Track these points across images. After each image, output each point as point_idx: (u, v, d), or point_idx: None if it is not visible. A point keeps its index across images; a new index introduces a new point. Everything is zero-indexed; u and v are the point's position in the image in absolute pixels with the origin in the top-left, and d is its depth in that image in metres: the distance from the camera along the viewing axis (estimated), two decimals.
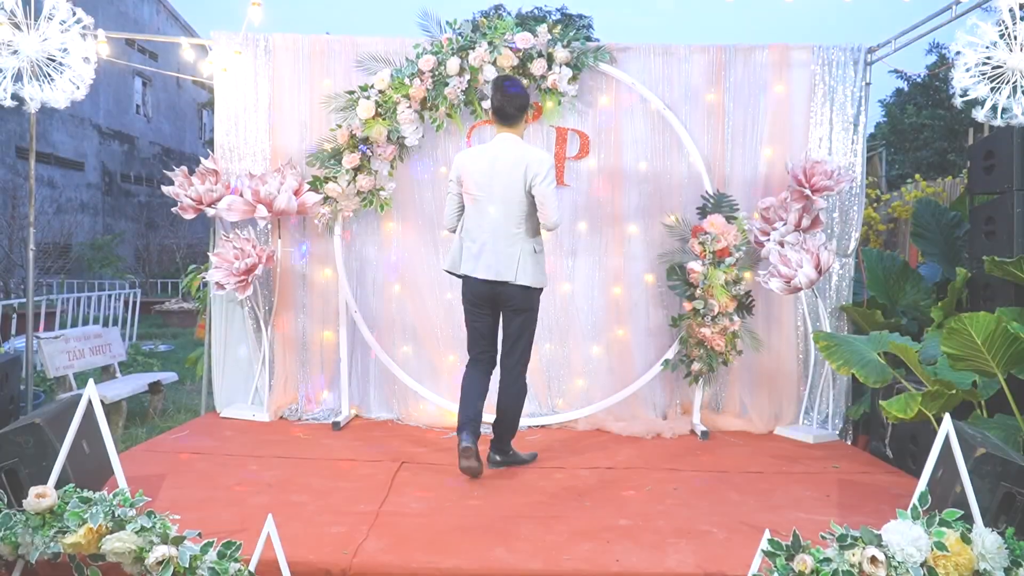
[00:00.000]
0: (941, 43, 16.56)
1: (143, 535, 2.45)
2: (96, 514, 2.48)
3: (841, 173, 4.75)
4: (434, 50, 4.85)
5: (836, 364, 4.18)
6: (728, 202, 4.91)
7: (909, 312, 5.27)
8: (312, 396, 5.22)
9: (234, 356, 5.24)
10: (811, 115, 5.10)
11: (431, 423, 5.02)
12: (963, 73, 3.54)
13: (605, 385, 5.16)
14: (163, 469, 3.80)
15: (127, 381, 5.71)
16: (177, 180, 4.90)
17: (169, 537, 2.46)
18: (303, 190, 4.85)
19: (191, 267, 6.26)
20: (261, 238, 5.09)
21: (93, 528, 2.46)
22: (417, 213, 5.18)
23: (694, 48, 5.12)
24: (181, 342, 10.62)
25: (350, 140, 4.82)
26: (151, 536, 2.45)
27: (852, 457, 4.49)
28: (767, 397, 5.16)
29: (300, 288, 5.20)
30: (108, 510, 2.51)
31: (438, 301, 5.17)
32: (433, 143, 5.13)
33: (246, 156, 5.12)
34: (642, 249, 5.19)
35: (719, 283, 4.73)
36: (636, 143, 5.14)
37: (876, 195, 8.39)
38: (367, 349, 5.17)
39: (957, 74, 3.56)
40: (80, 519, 2.48)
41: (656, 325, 5.21)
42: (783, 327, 5.18)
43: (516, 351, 3.97)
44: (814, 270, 4.54)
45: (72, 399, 3.13)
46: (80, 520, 2.48)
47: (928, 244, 5.54)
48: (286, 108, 5.11)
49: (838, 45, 5.10)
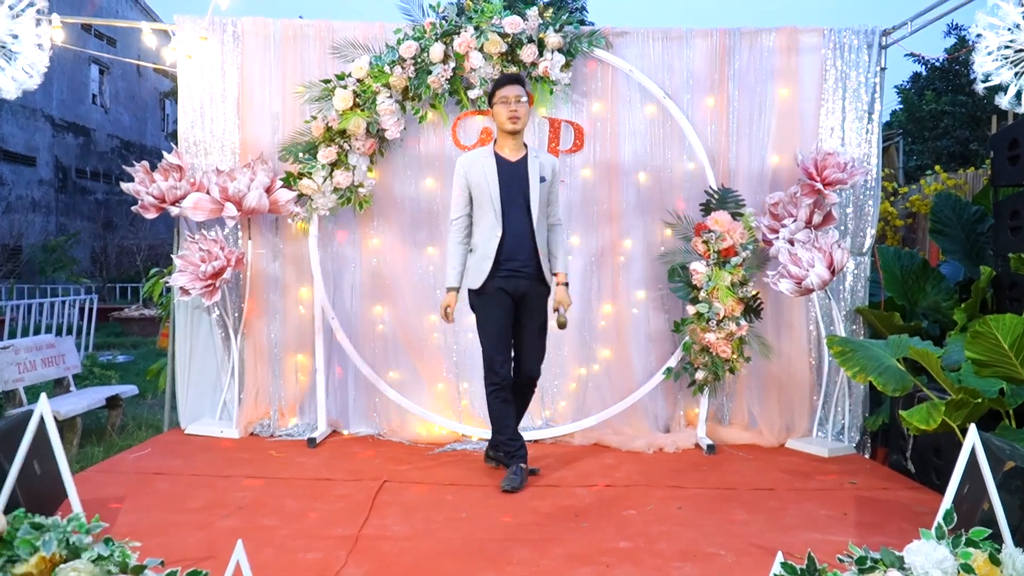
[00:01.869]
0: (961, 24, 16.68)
1: (100, 564, 2.42)
2: (49, 541, 2.45)
3: (855, 165, 4.77)
4: (416, 35, 4.84)
5: (852, 371, 4.20)
6: (733, 197, 4.92)
7: (930, 314, 5.30)
8: (285, 410, 5.21)
9: (200, 367, 5.21)
10: (822, 103, 5.13)
11: (415, 438, 5.02)
12: (985, 57, 3.56)
13: (602, 396, 5.16)
14: (122, 491, 3.78)
15: (82, 395, 5.67)
16: (138, 176, 4.87)
17: (129, 566, 2.43)
18: (275, 187, 4.84)
19: (153, 271, 6.22)
20: (230, 239, 5.07)
21: (46, 557, 2.43)
22: (399, 211, 5.17)
23: (696, 32, 5.14)
24: (142, 352, 10.56)
25: (326, 133, 4.81)
26: (109, 565, 2.43)
27: (870, 472, 4.50)
28: (777, 407, 5.17)
29: (272, 293, 5.18)
30: (62, 537, 2.48)
31: (422, 305, 5.17)
32: (416, 136, 5.13)
33: (213, 150, 5.10)
34: (641, 249, 5.20)
35: (724, 285, 4.74)
36: (634, 135, 5.15)
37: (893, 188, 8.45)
38: (345, 358, 5.16)
39: (978, 58, 3.58)
40: (32, 547, 2.45)
41: (657, 331, 5.22)
42: (794, 332, 5.19)
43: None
44: (827, 270, 4.56)
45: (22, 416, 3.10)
46: (32, 548, 2.45)
47: (949, 241, 5.57)
48: (256, 98, 5.10)
49: (850, 28, 5.13)
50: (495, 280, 4.07)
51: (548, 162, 4.19)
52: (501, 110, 4.05)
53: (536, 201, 4.07)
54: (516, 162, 4.11)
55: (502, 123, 4.07)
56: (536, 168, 4.11)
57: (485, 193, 4.06)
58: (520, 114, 4.03)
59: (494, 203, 4.04)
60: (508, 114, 4.02)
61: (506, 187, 4.06)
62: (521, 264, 4.08)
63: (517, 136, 4.12)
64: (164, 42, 5.15)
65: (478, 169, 4.09)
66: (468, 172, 4.11)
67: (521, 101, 4.03)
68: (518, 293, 4.10)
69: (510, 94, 4.02)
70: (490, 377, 4.08)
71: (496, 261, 4.05)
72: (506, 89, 4.04)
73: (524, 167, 4.10)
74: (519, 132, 4.10)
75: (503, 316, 4.09)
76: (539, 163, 4.13)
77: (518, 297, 4.12)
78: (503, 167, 4.09)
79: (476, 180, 4.08)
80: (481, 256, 4.09)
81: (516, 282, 4.08)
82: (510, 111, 4.02)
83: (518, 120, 4.04)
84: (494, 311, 4.09)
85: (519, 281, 4.09)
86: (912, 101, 17.99)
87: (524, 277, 4.09)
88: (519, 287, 4.09)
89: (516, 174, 4.08)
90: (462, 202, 4.15)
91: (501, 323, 4.09)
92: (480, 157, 4.14)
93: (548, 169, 4.16)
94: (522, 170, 4.10)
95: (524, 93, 4.07)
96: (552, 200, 4.22)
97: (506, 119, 4.04)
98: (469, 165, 4.13)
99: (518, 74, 4.30)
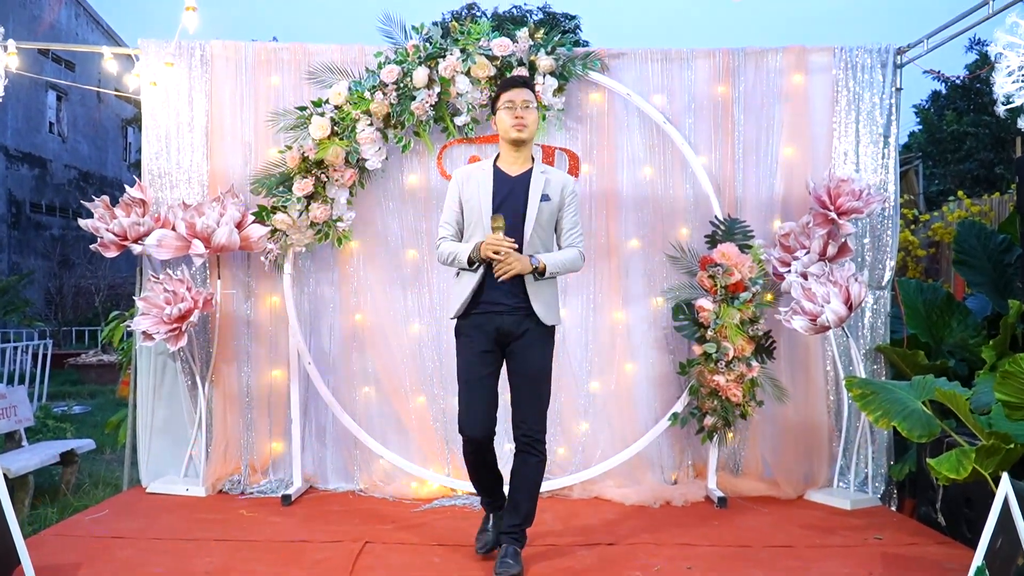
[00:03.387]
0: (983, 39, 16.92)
1: None
2: None
3: (871, 192, 4.81)
4: (398, 59, 4.91)
5: (874, 416, 4.20)
6: (741, 228, 4.96)
7: (957, 352, 5.32)
8: (258, 465, 5.18)
9: (164, 419, 5.19)
10: (834, 126, 5.20)
11: (399, 494, 5.00)
12: (1005, 78, 3.63)
13: (603, 445, 5.15)
14: (78, 557, 3.73)
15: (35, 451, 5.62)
16: (97, 212, 4.88)
17: None
18: (247, 222, 4.86)
19: (113, 314, 6.21)
20: (197, 279, 5.08)
21: None
22: (382, 247, 5.19)
23: (697, 52, 5.22)
24: (100, 402, 10.49)
25: (302, 163, 4.85)
26: None
27: (897, 525, 4.49)
28: (794, 456, 5.17)
29: (244, 336, 5.18)
30: None
31: (406, 349, 5.17)
32: (399, 166, 5.17)
33: (179, 183, 5.13)
34: (642, 285, 5.23)
35: (733, 323, 4.76)
36: (633, 163, 5.21)
37: (913, 216, 8.53)
38: (323, 407, 5.15)
39: (998, 79, 3.65)
40: None
41: (661, 373, 5.22)
42: (810, 373, 5.21)
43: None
44: (843, 306, 4.58)
45: None
46: None
47: (974, 272, 5.61)
48: (227, 127, 5.14)
49: (862, 46, 5.21)
50: (472, 317, 3.76)
51: (559, 180, 3.89)
52: (505, 116, 3.79)
53: (531, 220, 3.75)
54: (517, 176, 3.84)
55: (506, 131, 3.80)
56: (540, 184, 3.81)
57: (476, 210, 3.79)
58: (527, 121, 3.78)
59: (483, 221, 3.75)
60: (512, 121, 3.76)
61: (500, 204, 3.78)
62: (504, 295, 3.72)
63: (522, 147, 3.84)
64: (127, 67, 5.19)
65: (473, 183, 3.85)
66: (462, 186, 3.87)
67: (529, 107, 3.79)
68: (502, 332, 3.74)
69: (516, 99, 3.78)
70: (463, 434, 3.76)
71: (477, 289, 3.72)
72: (512, 93, 3.81)
73: (525, 182, 3.82)
74: (525, 142, 3.83)
75: (477, 362, 3.74)
76: (545, 179, 3.84)
77: (502, 337, 3.76)
78: (501, 181, 3.82)
79: (469, 195, 3.83)
80: (463, 282, 3.79)
81: (498, 319, 3.73)
82: (515, 117, 3.76)
83: (524, 128, 3.78)
84: (465, 356, 3.80)
85: (501, 318, 3.73)
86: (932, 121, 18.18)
87: (508, 312, 3.73)
88: (502, 324, 3.73)
89: (514, 189, 3.80)
90: (452, 219, 3.88)
91: (473, 371, 3.74)
92: (477, 170, 3.91)
93: (557, 188, 3.85)
94: (522, 185, 3.81)
95: (532, 98, 3.84)
96: (566, 225, 3.89)
97: (510, 126, 3.77)
98: (464, 178, 3.89)
99: (525, 77, 4.11)
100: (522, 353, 3.77)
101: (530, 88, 3.89)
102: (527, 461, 3.75)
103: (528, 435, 3.74)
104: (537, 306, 3.74)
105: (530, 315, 3.74)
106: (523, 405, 3.78)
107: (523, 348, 3.76)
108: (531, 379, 3.78)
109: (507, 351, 3.80)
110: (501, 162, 3.89)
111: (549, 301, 3.81)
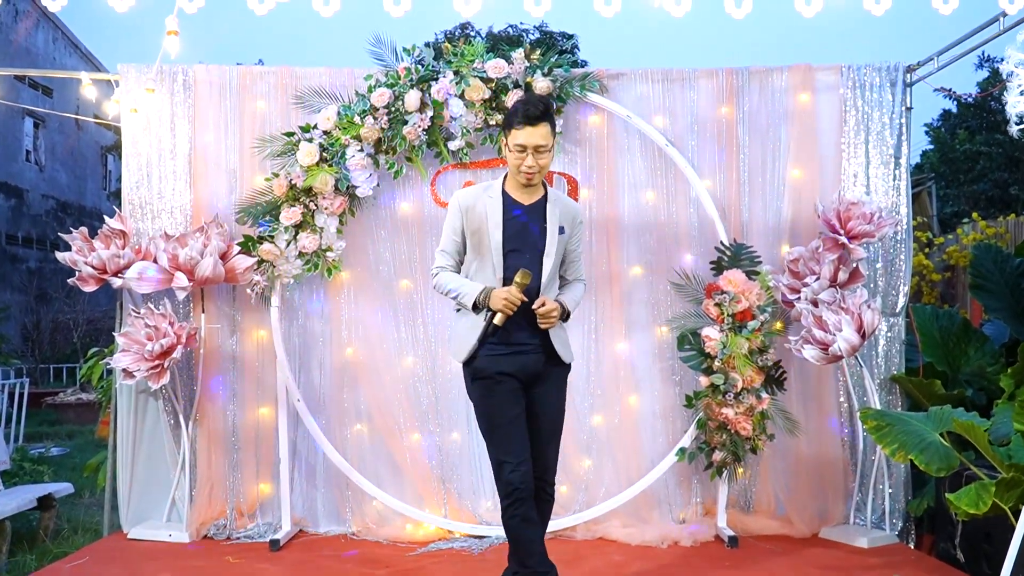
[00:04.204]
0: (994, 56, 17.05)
1: None
2: None
3: (883, 215, 4.84)
4: (389, 82, 4.94)
5: (890, 449, 4.19)
6: (748, 254, 4.98)
7: (974, 381, 5.32)
8: (245, 508, 5.15)
9: (146, 461, 5.16)
10: (843, 147, 5.23)
11: (394, 537, 4.97)
12: (1017, 97, 3.66)
13: (607, 482, 5.14)
14: None
15: (11, 495, 5.59)
16: (75, 244, 4.89)
17: None
18: (232, 253, 4.87)
19: (92, 350, 6.20)
20: (180, 313, 5.08)
21: None
22: (373, 277, 5.21)
23: (700, 72, 5.26)
24: (79, 443, 10.44)
25: (290, 191, 4.87)
26: None
27: (916, 563, 4.48)
28: (808, 491, 5.15)
29: (229, 373, 5.17)
30: None
31: (399, 384, 5.17)
32: (391, 193, 5.19)
33: (161, 213, 5.15)
34: (646, 314, 5.24)
35: (741, 352, 4.76)
36: (635, 187, 5.24)
37: (927, 239, 8.56)
38: (313, 446, 5.13)
39: (1010, 98, 3.68)
40: None
41: (667, 406, 5.22)
42: (823, 404, 5.20)
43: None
44: (856, 334, 4.59)
45: None
46: None
47: (991, 298, 5.63)
48: (210, 154, 5.16)
49: (871, 64, 5.26)
50: (494, 358, 3.56)
51: (569, 210, 3.73)
52: (513, 160, 3.54)
53: (552, 255, 3.60)
54: (530, 206, 3.63)
55: (514, 171, 3.58)
56: (556, 216, 3.63)
57: (485, 242, 3.58)
58: (542, 167, 3.53)
59: (494, 255, 3.55)
60: (522, 167, 3.52)
61: (513, 236, 3.57)
62: (526, 334, 3.57)
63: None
64: (107, 93, 5.23)
65: (479, 211, 3.60)
66: (467, 213, 3.62)
67: (542, 151, 3.50)
68: (527, 372, 3.59)
69: (529, 143, 3.47)
70: (502, 488, 3.50)
71: (492, 331, 3.51)
72: (525, 134, 3.47)
73: (539, 213, 3.62)
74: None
75: (510, 402, 3.55)
76: (559, 211, 3.66)
77: (528, 378, 3.60)
78: (511, 211, 3.60)
79: (475, 224, 3.60)
80: (471, 322, 3.58)
81: (522, 359, 3.57)
82: (526, 167, 3.51)
83: (534, 176, 3.54)
84: (496, 398, 3.56)
85: (526, 358, 3.58)
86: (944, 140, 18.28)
87: (531, 351, 3.59)
88: (526, 364, 3.58)
89: (528, 221, 3.61)
90: (451, 248, 3.67)
91: (507, 412, 3.54)
92: (483, 195, 3.64)
93: (568, 218, 3.69)
94: (536, 217, 3.62)
95: (550, 137, 3.52)
96: (572, 258, 3.78)
97: (519, 171, 3.55)
98: (469, 204, 3.63)
99: (544, 106, 3.55)
100: (544, 397, 3.66)
101: (548, 121, 3.53)
102: (541, 509, 3.66)
103: (543, 479, 3.68)
104: (557, 344, 3.65)
105: (551, 355, 3.65)
106: (542, 453, 3.67)
107: (545, 392, 3.66)
108: (552, 424, 3.70)
109: (528, 394, 3.63)
110: (510, 187, 3.66)
111: (564, 338, 3.73)
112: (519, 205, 3.63)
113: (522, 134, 3.47)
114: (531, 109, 3.50)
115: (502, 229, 3.57)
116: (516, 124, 3.49)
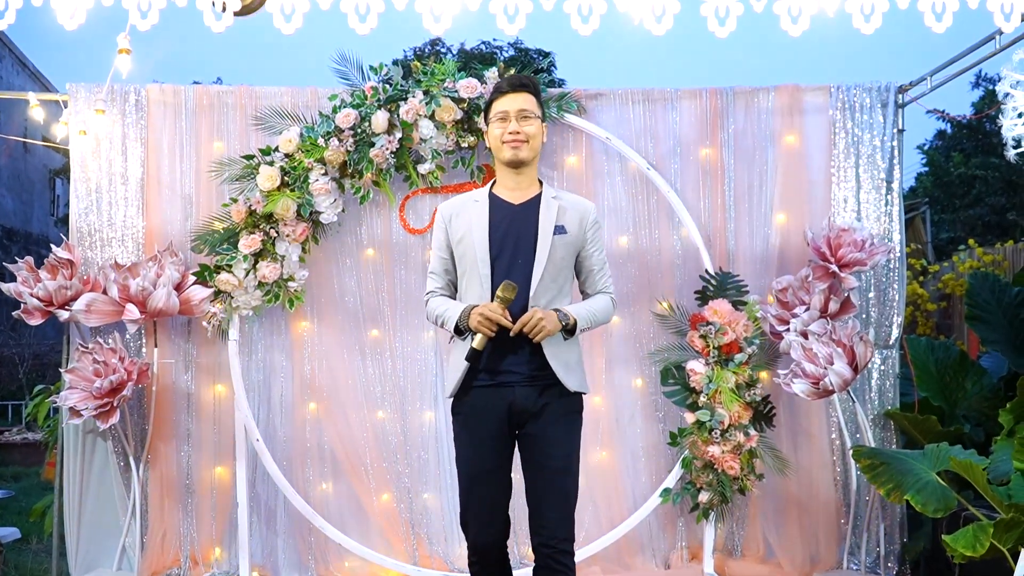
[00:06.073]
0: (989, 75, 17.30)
1: None
2: None
3: (875, 242, 4.86)
4: (355, 102, 4.94)
5: (884, 489, 4.20)
6: (734, 283, 5.00)
7: (972, 416, 5.34)
8: (199, 556, 5.08)
9: (94, 504, 5.08)
10: (832, 171, 5.27)
11: None
12: (1014, 120, 3.70)
13: (587, 525, 5.11)
14: None
15: None
16: (20, 274, 4.84)
17: None
18: (187, 283, 4.83)
19: (38, 387, 6.12)
20: (131, 347, 5.03)
21: None
22: (338, 308, 5.19)
23: (683, 93, 5.30)
24: (24, 486, 10.29)
25: (249, 218, 4.85)
26: None
27: None
28: (799, 534, 5.14)
29: (184, 412, 5.12)
30: None
31: (366, 423, 5.13)
32: (357, 219, 5.19)
33: (112, 241, 5.10)
34: (627, 346, 5.24)
35: (728, 387, 4.76)
36: (615, 213, 5.25)
37: (922, 266, 8.65)
38: (273, 489, 5.07)
39: (1007, 122, 3.73)
40: None
41: (650, 444, 5.21)
42: (814, 442, 5.21)
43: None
44: (848, 367, 4.60)
45: None
46: None
47: (988, 329, 5.67)
48: (165, 179, 5.14)
49: (861, 84, 5.31)
50: (475, 392, 3.26)
51: (577, 208, 3.40)
52: (496, 131, 3.31)
53: (542, 260, 3.25)
54: (521, 205, 3.35)
55: (498, 149, 3.33)
56: (551, 213, 3.30)
57: (469, 253, 3.29)
58: (528, 135, 3.28)
59: (480, 265, 3.26)
60: (504, 136, 3.28)
61: (501, 242, 3.28)
62: (516, 360, 3.23)
63: (524, 169, 3.34)
64: (55, 113, 5.19)
65: (464, 218, 3.33)
66: (450, 223, 3.36)
67: (527, 117, 3.28)
68: (515, 410, 3.23)
69: (511, 108, 3.27)
70: (468, 545, 3.31)
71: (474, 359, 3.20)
72: (505, 100, 3.30)
73: (532, 211, 3.31)
74: (525, 162, 3.33)
75: (483, 454, 3.25)
76: (558, 207, 3.34)
77: (516, 416, 3.25)
78: (499, 212, 3.33)
79: (460, 233, 3.31)
80: (461, 349, 3.27)
81: (510, 394, 3.22)
82: (508, 133, 3.26)
83: (520, 144, 3.26)
84: (467, 445, 3.30)
85: (514, 392, 3.22)
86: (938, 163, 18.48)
87: (522, 383, 3.23)
88: (515, 400, 3.22)
89: (518, 222, 3.30)
90: (439, 268, 3.42)
91: (476, 465, 3.26)
92: (468, 201, 3.39)
93: (574, 217, 3.36)
94: (528, 216, 3.30)
95: (533, 106, 3.32)
96: (593, 266, 3.42)
97: (502, 143, 3.29)
98: (453, 212, 3.38)
99: (527, 78, 3.45)
100: (541, 435, 3.24)
101: (531, 92, 3.35)
102: None
103: (549, 544, 3.16)
104: (558, 369, 3.23)
105: (551, 384, 3.25)
106: (543, 505, 3.21)
107: (542, 429, 3.24)
108: (553, 471, 3.23)
109: (521, 434, 3.29)
110: (499, 188, 3.40)
111: (571, 362, 3.31)
112: (507, 204, 3.36)
113: (504, 100, 3.31)
114: (513, 79, 3.40)
115: (487, 232, 3.28)
116: (496, 95, 3.36)
